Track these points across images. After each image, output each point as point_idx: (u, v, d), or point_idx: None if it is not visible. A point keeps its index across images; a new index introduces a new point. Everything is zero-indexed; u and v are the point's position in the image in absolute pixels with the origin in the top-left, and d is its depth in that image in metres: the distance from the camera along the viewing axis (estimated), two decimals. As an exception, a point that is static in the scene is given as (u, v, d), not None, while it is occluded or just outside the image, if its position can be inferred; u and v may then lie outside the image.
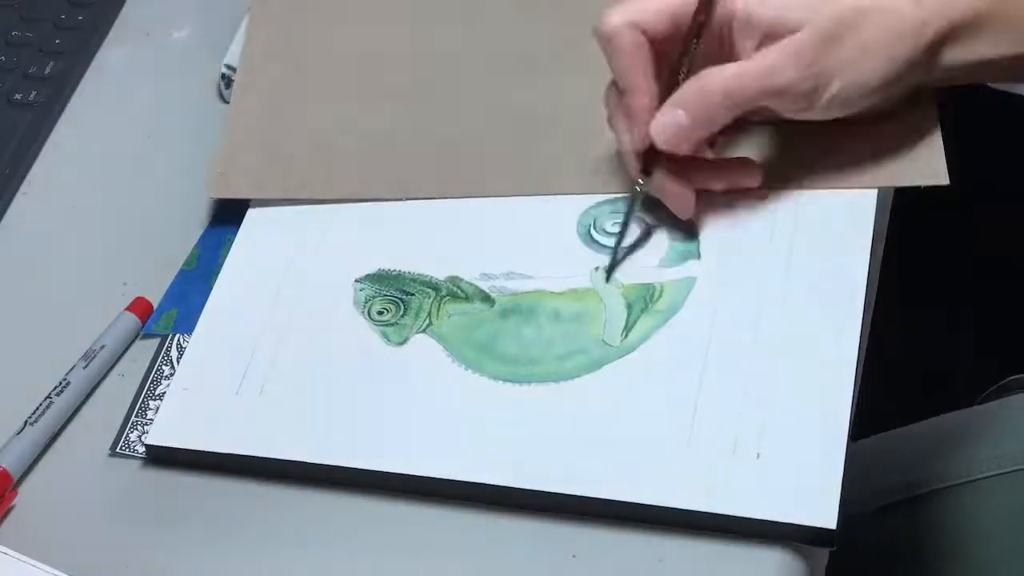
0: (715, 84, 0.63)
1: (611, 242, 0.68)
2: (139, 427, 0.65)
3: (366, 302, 0.68)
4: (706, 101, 0.63)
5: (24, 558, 0.60)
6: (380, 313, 0.67)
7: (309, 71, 0.80)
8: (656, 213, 0.69)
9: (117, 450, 0.65)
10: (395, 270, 0.69)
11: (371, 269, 0.69)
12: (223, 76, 0.80)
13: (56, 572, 0.60)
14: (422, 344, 0.66)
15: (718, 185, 0.67)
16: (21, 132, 0.80)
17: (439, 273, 0.68)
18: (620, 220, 0.68)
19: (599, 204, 0.70)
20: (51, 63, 0.84)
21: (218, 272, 0.71)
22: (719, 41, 0.65)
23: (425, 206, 0.71)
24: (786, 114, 0.66)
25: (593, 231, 0.69)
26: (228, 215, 0.74)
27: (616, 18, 0.64)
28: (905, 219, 0.91)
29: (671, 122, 0.64)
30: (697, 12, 0.64)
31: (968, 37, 0.65)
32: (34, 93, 0.82)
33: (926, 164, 0.68)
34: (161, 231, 0.75)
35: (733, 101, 0.63)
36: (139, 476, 0.64)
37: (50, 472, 0.65)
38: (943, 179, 0.67)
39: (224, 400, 0.65)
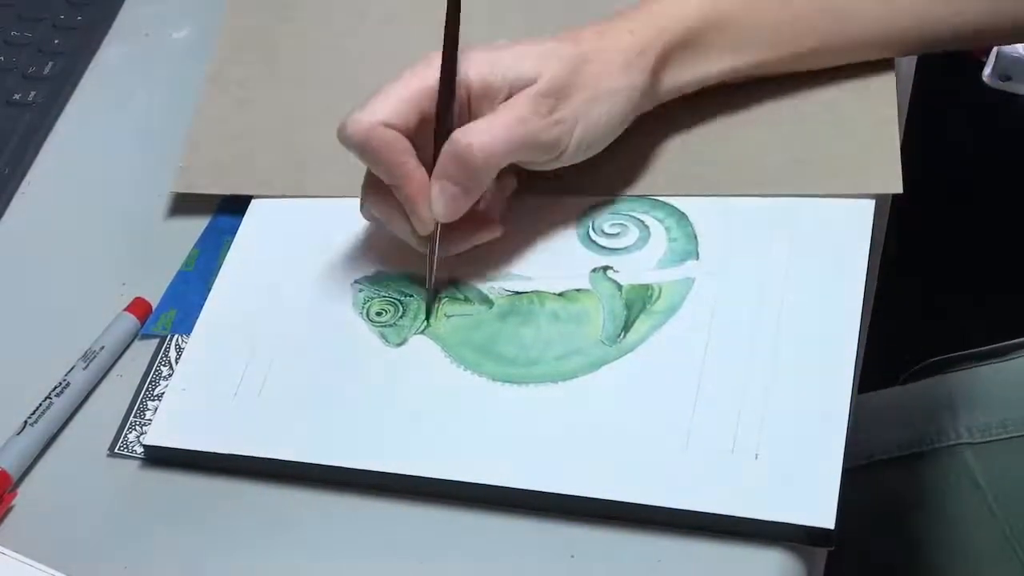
0: (469, 144, 0.63)
1: (609, 243, 0.68)
2: (138, 427, 0.65)
3: (365, 303, 0.68)
4: (465, 165, 0.63)
5: (23, 558, 0.60)
6: (379, 314, 0.67)
7: (279, 67, 0.80)
8: (655, 213, 0.69)
9: (116, 450, 0.65)
10: (394, 271, 0.69)
11: (370, 270, 0.69)
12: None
13: (55, 572, 0.60)
14: (421, 345, 0.66)
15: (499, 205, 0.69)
16: (21, 132, 0.80)
17: (438, 274, 0.68)
18: (619, 221, 0.68)
19: (597, 205, 0.70)
20: (50, 63, 0.84)
21: (217, 273, 0.71)
22: (461, 116, 0.65)
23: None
24: (538, 166, 0.66)
25: (591, 232, 0.69)
26: (227, 216, 0.74)
27: (364, 122, 0.64)
28: (904, 218, 0.91)
29: (442, 195, 0.64)
30: (439, 99, 0.64)
31: (686, 58, 0.68)
32: (33, 93, 0.82)
33: (882, 172, 0.68)
34: (161, 231, 0.74)
35: (490, 155, 0.63)
36: (138, 476, 0.64)
37: (49, 472, 0.65)
38: (897, 188, 0.67)
39: (222, 400, 0.65)
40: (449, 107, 0.65)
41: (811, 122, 0.70)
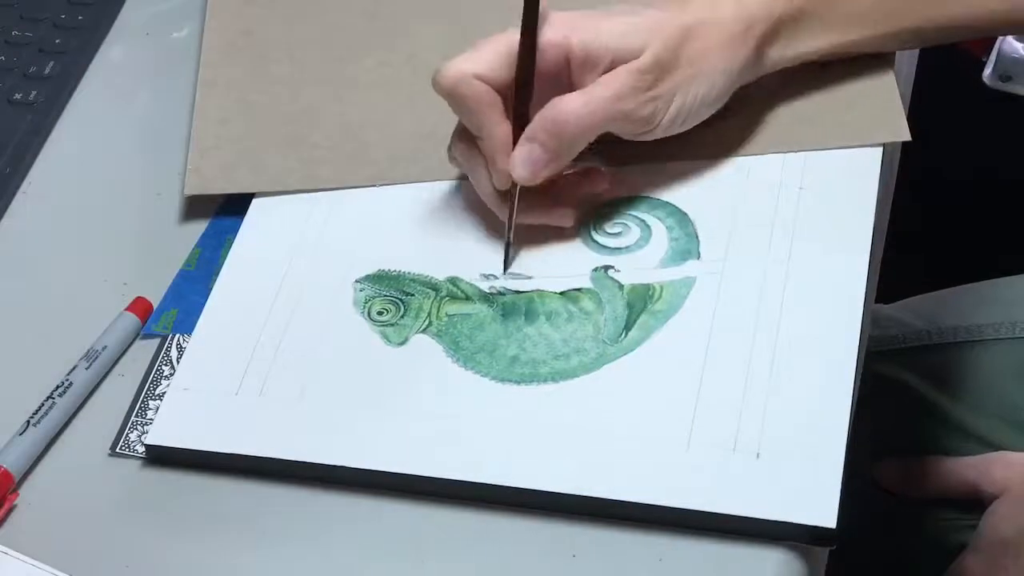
0: (566, 114, 0.64)
1: (611, 242, 0.68)
2: (139, 427, 0.65)
3: (366, 302, 0.68)
4: (559, 131, 0.64)
5: (25, 558, 0.60)
6: (380, 313, 0.67)
7: (273, 65, 0.81)
8: (656, 212, 0.69)
9: (117, 450, 0.65)
10: (395, 270, 0.69)
11: (371, 269, 0.69)
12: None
13: (56, 572, 0.60)
14: (422, 344, 0.66)
15: (576, 195, 0.68)
16: (21, 132, 0.80)
17: (439, 273, 0.68)
18: (621, 220, 0.69)
19: (599, 205, 0.70)
20: (51, 63, 0.84)
21: (218, 272, 0.71)
22: (556, 82, 0.66)
23: (425, 206, 0.72)
24: (627, 136, 0.67)
25: (593, 231, 0.69)
26: (228, 215, 0.74)
27: (454, 71, 0.65)
28: (905, 219, 0.91)
29: (528, 157, 0.64)
30: (520, 55, 0.65)
31: (792, 33, 0.68)
32: (34, 93, 0.82)
33: (886, 121, 0.69)
34: (161, 231, 0.75)
35: (584, 128, 0.64)
36: (139, 476, 0.64)
37: (50, 472, 0.65)
38: (904, 135, 0.68)
39: (224, 400, 0.65)
40: (530, 68, 0.65)
41: (810, 82, 0.71)
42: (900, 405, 0.94)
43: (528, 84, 0.65)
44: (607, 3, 0.67)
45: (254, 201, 0.74)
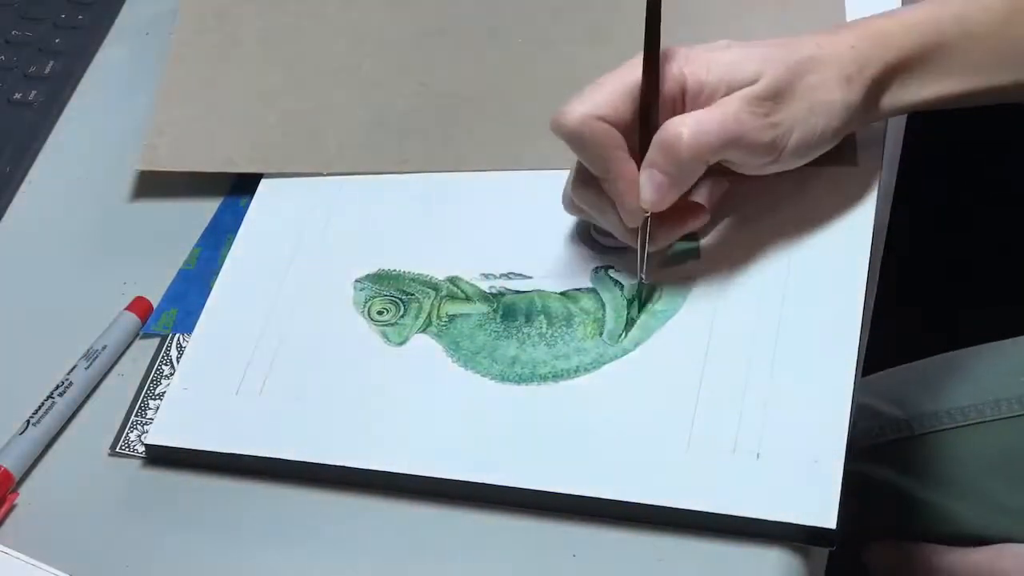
0: (680, 138, 0.62)
1: (611, 242, 0.68)
2: (139, 427, 0.65)
3: (366, 302, 0.68)
4: (674, 154, 0.62)
5: (25, 557, 0.60)
6: (380, 313, 0.67)
7: (241, 47, 0.81)
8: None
9: (117, 450, 0.65)
10: (395, 270, 0.69)
11: (371, 269, 0.69)
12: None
13: (56, 572, 0.60)
14: (422, 344, 0.66)
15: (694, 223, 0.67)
16: (21, 132, 0.80)
17: (439, 273, 0.69)
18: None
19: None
20: (51, 63, 0.84)
21: (218, 272, 0.71)
22: (676, 113, 0.64)
23: (425, 205, 0.72)
24: (752, 168, 0.65)
25: (593, 231, 0.69)
26: (229, 215, 0.74)
27: (577, 112, 0.63)
28: (905, 220, 0.91)
29: (651, 183, 0.63)
30: (642, 95, 0.63)
31: (905, 80, 0.66)
32: (34, 93, 0.82)
33: (838, 149, 0.68)
34: (161, 231, 0.75)
35: (699, 150, 0.62)
36: (139, 476, 0.64)
37: (50, 472, 0.65)
38: (854, 161, 0.68)
39: (224, 400, 0.65)
40: (654, 102, 0.63)
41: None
42: (883, 505, 0.91)
43: (652, 119, 0.63)
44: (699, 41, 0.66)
45: (254, 200, 0.74)
